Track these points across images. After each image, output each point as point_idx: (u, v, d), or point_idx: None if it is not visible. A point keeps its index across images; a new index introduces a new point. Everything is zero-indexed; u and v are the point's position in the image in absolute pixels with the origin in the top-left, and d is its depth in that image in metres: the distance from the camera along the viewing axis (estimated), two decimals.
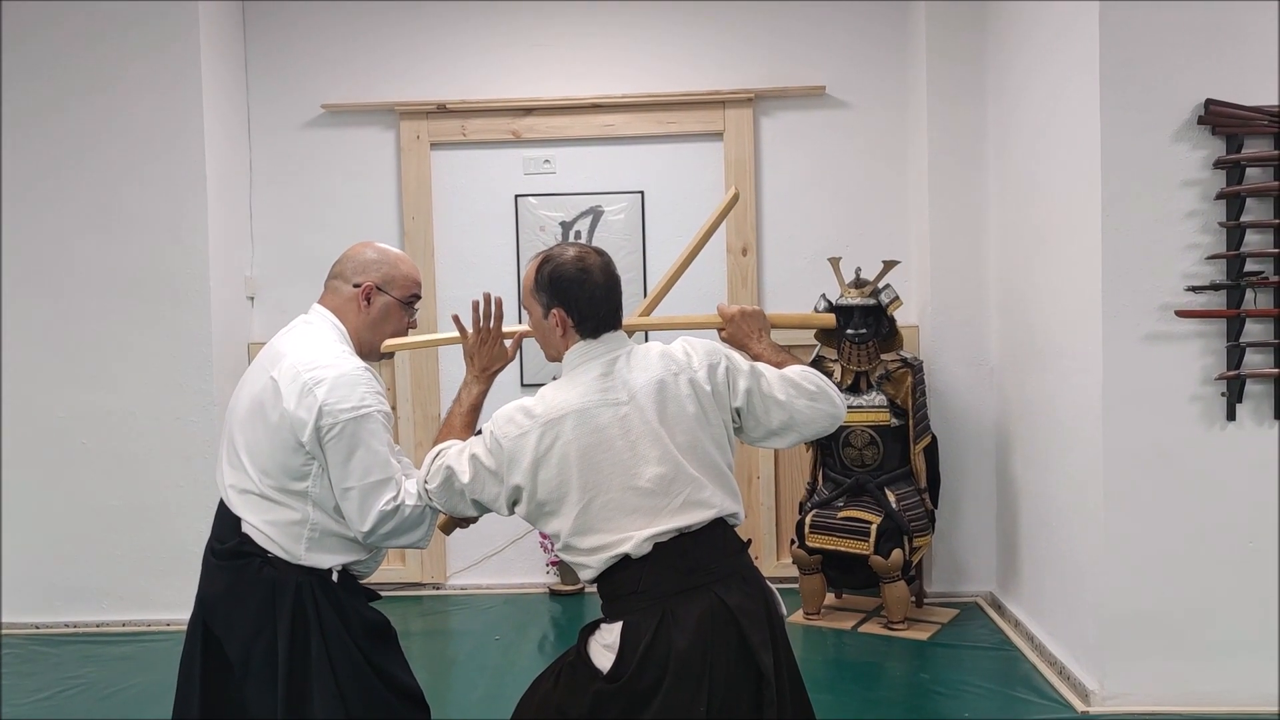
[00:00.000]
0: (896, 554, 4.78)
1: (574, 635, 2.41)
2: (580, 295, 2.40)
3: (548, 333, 2.46)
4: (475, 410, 2.64)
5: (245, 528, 2.51)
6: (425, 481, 2.46)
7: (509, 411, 2.37)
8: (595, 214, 5.65)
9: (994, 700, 4.10)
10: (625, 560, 2.27)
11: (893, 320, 5.04)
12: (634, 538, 2.26)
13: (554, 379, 2.49)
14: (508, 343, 2.73)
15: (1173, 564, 3.82)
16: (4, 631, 5.19)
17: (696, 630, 2.22)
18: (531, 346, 5.87)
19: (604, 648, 2.29)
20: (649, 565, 2.27)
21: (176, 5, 5.15)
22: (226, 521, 2.56)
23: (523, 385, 5.62)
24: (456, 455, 2.42)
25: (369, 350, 2.68)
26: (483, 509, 2.45)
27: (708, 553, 2.30)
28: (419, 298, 2.75)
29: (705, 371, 2.38)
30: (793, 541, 5.09)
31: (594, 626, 2.36)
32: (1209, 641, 3.81)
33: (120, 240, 5.25)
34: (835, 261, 5.17)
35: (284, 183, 5.73)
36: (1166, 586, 3.82)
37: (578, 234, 5.64)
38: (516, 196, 5.67)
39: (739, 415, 2.42)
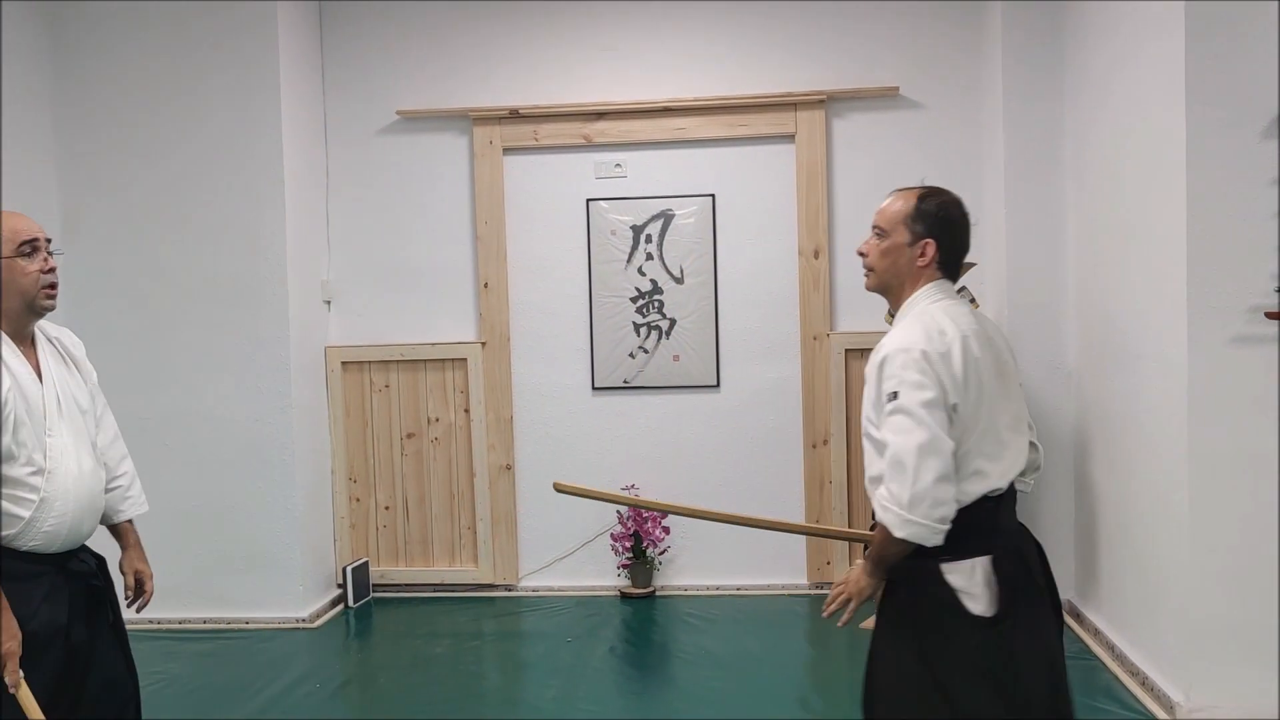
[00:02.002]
0: None
1: (645, 637, 2.45)
2: (958, 236, 2.55)
3: (903, 258, 2.53)
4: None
5: None
6: (918, 479, 2.28)
7: (926, 333, 2.38)
8: (666, 217, 5.66)
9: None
10: (985, 498, 2.37)
11: None
12: (1005, 472, 2.40)
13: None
14: None
15: (1262, 572, 3.70)
16: None
17: (1041, 568, 2.47)
18: (602, 348, 5.89)
19: (965, 590, 2.35)
20: (1003, 503, 2.41)
21: (255, 18, 5.27)
22: None
23: (594, 389, 5.65)
24: (913, 428, 2.29)
25: (17, 315, 2.63)
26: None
27: (1014, 500, 2.50)
28: (34, 240, 2.62)
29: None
30: (865, 547, 5.03)
31: (922, 581, 2.37)
32: None
33: (202, 246, 5.37)
34: None
35: (360, 188, 5.82)
36: (1255, 595, 3.71)
37: (648, 238, 5.65)
38: (588, 200, 5.70)
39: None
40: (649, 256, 5.66)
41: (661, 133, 5.63)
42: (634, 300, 5.67)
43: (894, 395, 2.33)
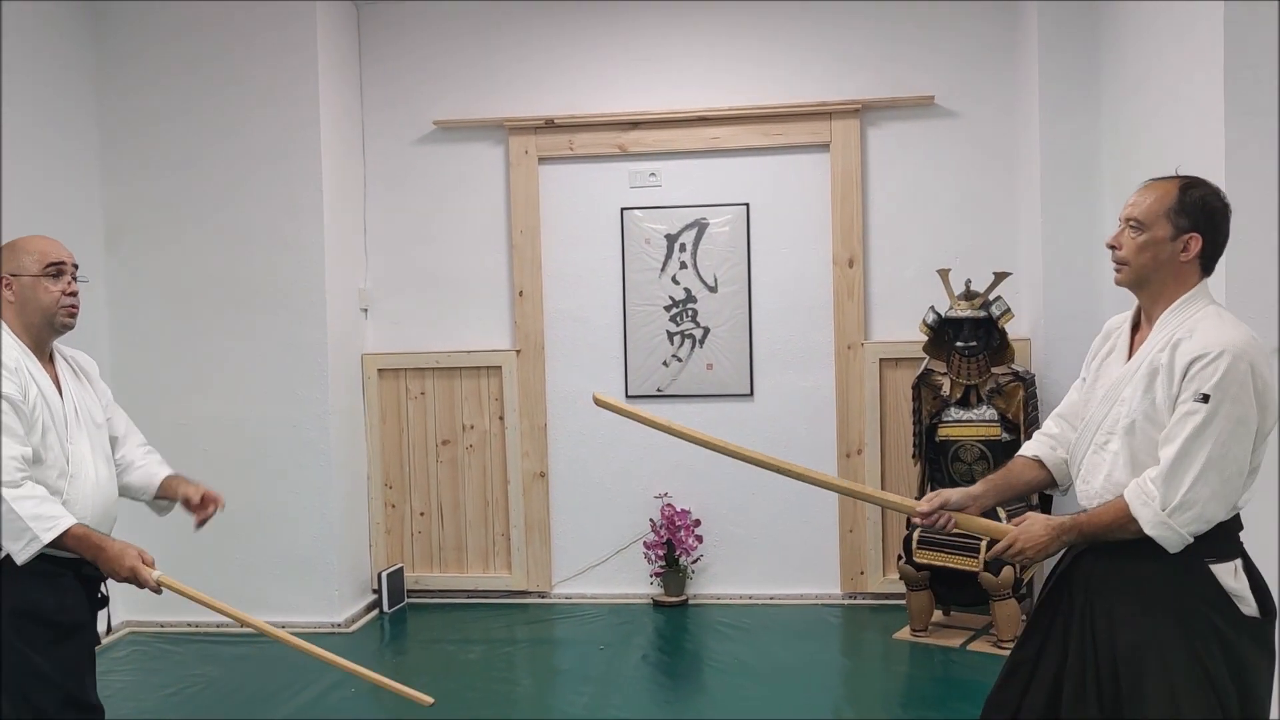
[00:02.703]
0: (1007, 571, 4.68)
1: (678, 646, 2.43)
2: (1224, 231, 2.40)
3: (1165, 254, 2.39)
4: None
5: None
6: (1194, 489, 2.26)
7: (1250, 341, 2.28)
8: (700, 226, 5.67)
9: None
10: None
11: (1004, 333, 4.95)
12: None
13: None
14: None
15: None
16: (131, 630, 5.40)
17: None
18: (635, 356, 5.89)
19: (1237, 593, 2.31)
20: None
21: (295, 27, 5.33)
22: None
23: (628, 397, 5.66)
24: (1211, 438, 2.24)
25: (38, 331, 2.78)
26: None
27: None
28: (61, 263, 2.79)
29: None
30: (900, 557, 5.02)
31: (1191, 581, 2.31)
32: None
33: (241, 253, 5.43)
34: (945, 273, 5.10)
35: (396, 197, 5.88)
36: None
37: (683, 246, 5.67)
38: (622, 210, 5.72)
39: None
40: (683, 265, 5.68)
41: (696, 142, 5.65)
42: (668, 309, 5.69)
43: (1205, 398, 2.23)
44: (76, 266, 2.85)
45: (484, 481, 5.85)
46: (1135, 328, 2.51)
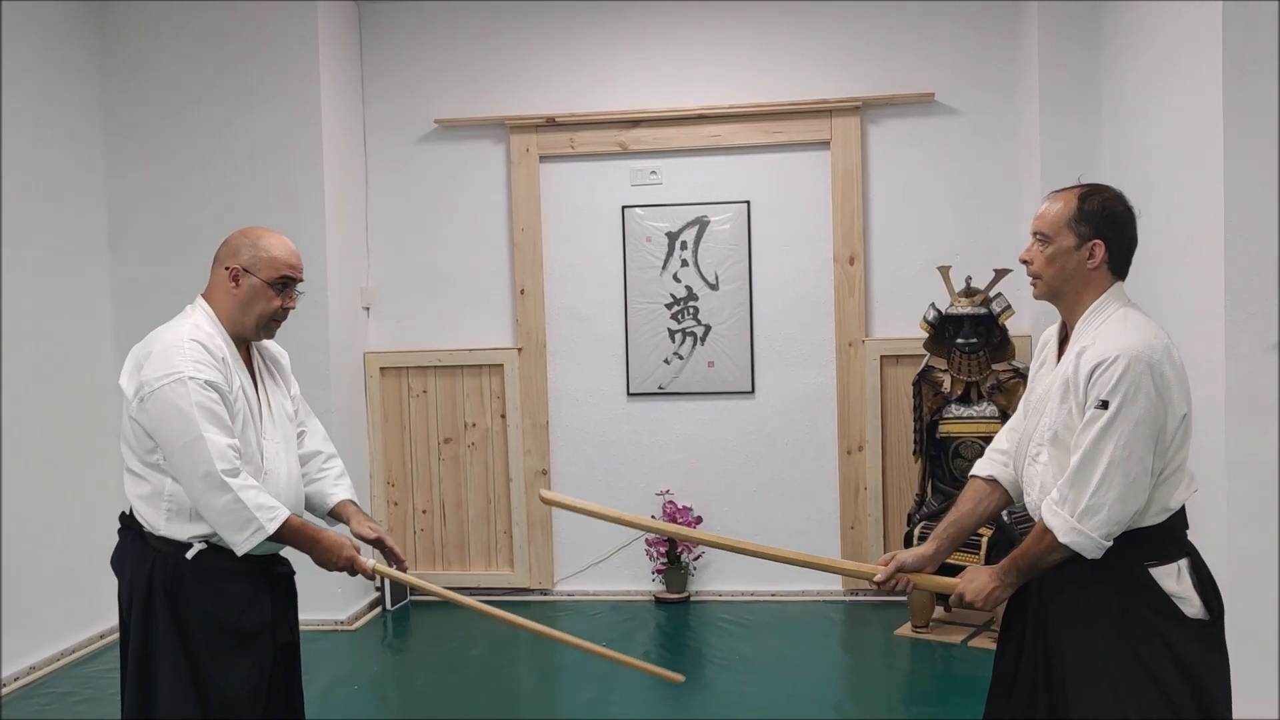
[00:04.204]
0: None
1: (680, 642, 2.44)
2: (1129, 234, 2.43)
3: (1072, 264, 2.41)
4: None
5: (128, 502, 2.66)
6: (1098, 493, 2.25)
7: (1149, 340, 2.29)
8: (701, 224, 5.68)
9: None
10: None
11: (1004, 329, 4.96)
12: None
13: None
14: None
15: None
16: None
17: None
18: (637, 354, 5.90)
19: (1180, 595, 2.31)
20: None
21: (296, 27, 5.35)
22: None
23: (629, 394, 5.68)
24: (1111, 441, 2.24)
25: (243, 329, 2.73)
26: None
27: None
28: (290, 280, 2.74)
29: None
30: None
31: (1132, 587, 2.32)
32: None
33: None
34: (945, 270, 5.11)
35: (398, 195, 5.89)
36: None
37: (684, 244, 5.68)
38: (623, 208, 5.73)
39: None
40: (684, 263, 5.69)
41: (697, 140, 5.66)
42: (669, 306, 5.70)
43: (1104, 404, 2.25)
44: (300, 279, 2.78)
45: (486, 479, 5.87)
46: (1064, 339, 2.53)
